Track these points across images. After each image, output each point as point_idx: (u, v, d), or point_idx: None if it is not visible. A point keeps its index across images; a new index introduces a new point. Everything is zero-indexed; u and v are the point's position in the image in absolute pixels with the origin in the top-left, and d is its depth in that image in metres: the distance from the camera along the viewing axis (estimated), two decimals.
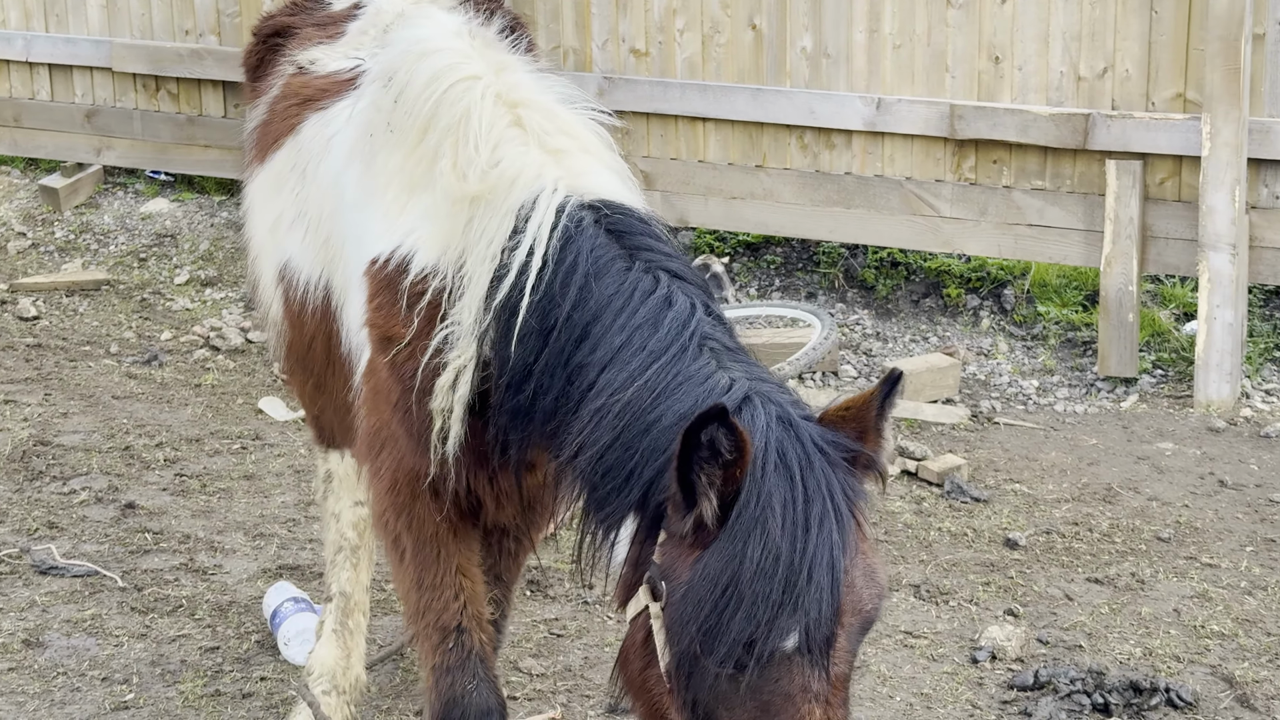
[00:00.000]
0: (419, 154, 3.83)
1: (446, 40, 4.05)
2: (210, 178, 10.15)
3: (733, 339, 3.39)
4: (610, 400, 3.27)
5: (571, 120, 3.85)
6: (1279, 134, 7.17)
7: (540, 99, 3.87)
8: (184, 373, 8.02)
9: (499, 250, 3.57)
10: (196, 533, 6.20)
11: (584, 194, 3.61)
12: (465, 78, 3.86)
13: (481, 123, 3.75)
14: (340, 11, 5.00)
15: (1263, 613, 5.50)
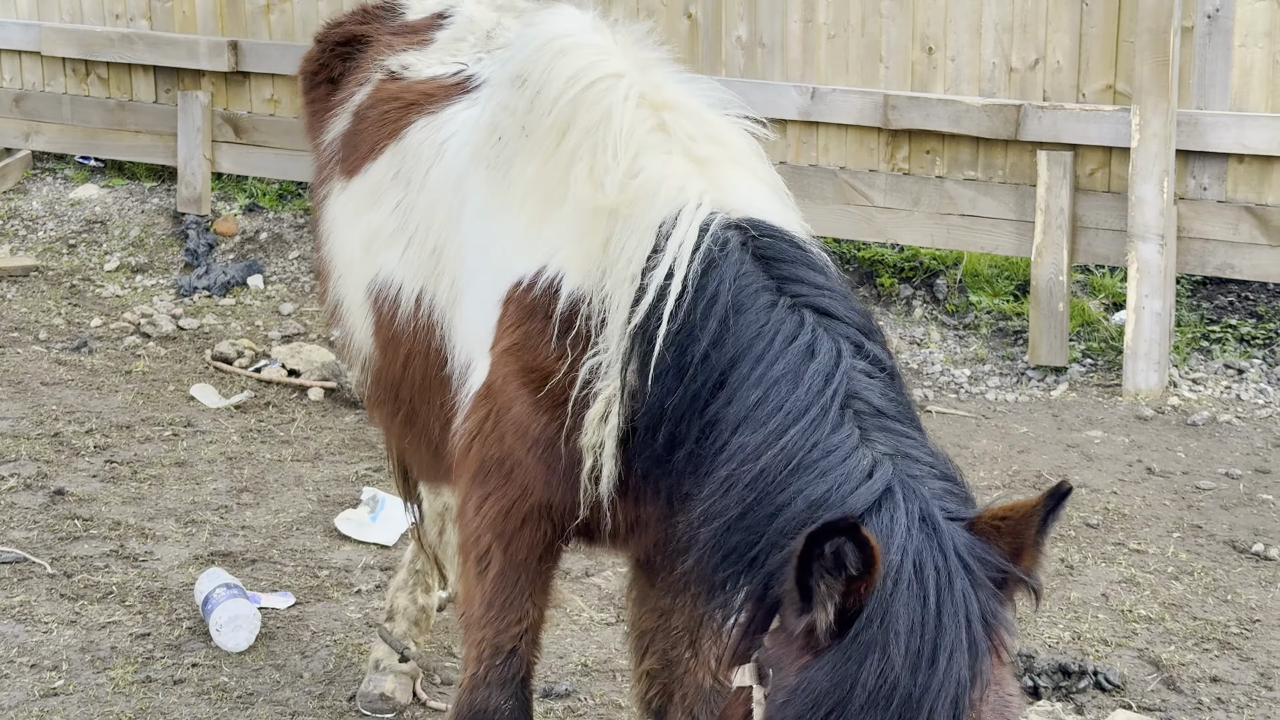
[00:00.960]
0: (555, 160, 3.57)
1: (586, 35, 3.76)
2: (141, 163, 10.06)
3: (886, 392, 3.06)
4: (740, 470, 2.97)
5: (720, 126, 3.58)
6: (1207, 126, 7.26)
7: (687, 102, 3.59)
8: (114, 359, 7.95)
9: (639, 271, 3.30)
10: (127, 519, 6.15)
11: (731, 210, 3.32)
12: (607, 75, 3.58)
13: (622, 127, 3.48)
14: (421, 21, 4.70)
15: (1189, 597, 5.57)
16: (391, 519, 6.12)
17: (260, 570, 5.79)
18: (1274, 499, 6.33)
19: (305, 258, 9.15)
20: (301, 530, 6.12)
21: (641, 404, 3.24)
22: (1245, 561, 5.84)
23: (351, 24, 4.85)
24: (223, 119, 9.54)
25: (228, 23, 9.44)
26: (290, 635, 5.35)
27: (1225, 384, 7.40)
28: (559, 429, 3.39)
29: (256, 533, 6.09)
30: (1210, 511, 6.24)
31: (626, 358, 3.27)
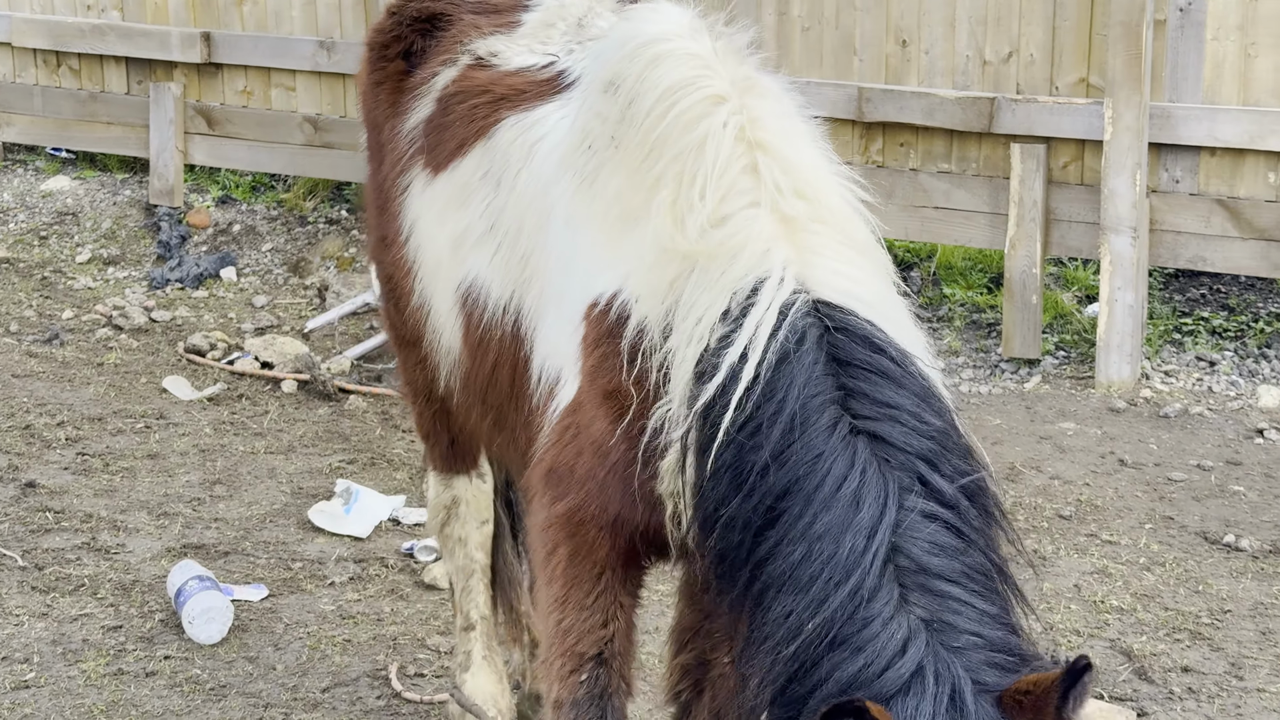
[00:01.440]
0: (641, 178, 3.40)
1: (686, 43, 3.52)
2: (113, 155, 10.01)
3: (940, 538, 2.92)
4: (782, 642, 2.89)
5: (812, 175, 3.36)
6: (1179, 119, 7.28)
7: (781, 142, 3.36)
8: (86, 351, 7.92)
9: (706, 332, 3.16)
10: (99, 512, 6.13)
11: (814, 289, 3.14)
12: (708, 97, 3.38)
13: (715, 162, 3.29)
14: (504, 0, 4.43)
15: (1160, 588, 5.59)
16: (365, 511, 6.11)
17: (233, 562, 5.78)
18: (1245, 490, 6.35)
19: (278, 250, 9.13)
20: (274, 522, 6.11)
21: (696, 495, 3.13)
22: (1216, 552, 5.86)
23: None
24: (195, 111, 9.50)
25: (200, 14, 9.40)
26: (263, 627, 5.34)
27: (1197, 376, 7.43)
28: (635, 457, 3.29)
29: (229, 525, 6.07)
30: (1182, 503, 6.26)
31: (688, 429, 3.14)
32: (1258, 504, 6.24)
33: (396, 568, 5.78)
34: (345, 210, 9.44)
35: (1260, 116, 7.12)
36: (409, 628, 5.33)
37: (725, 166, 3.29)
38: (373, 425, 7.05)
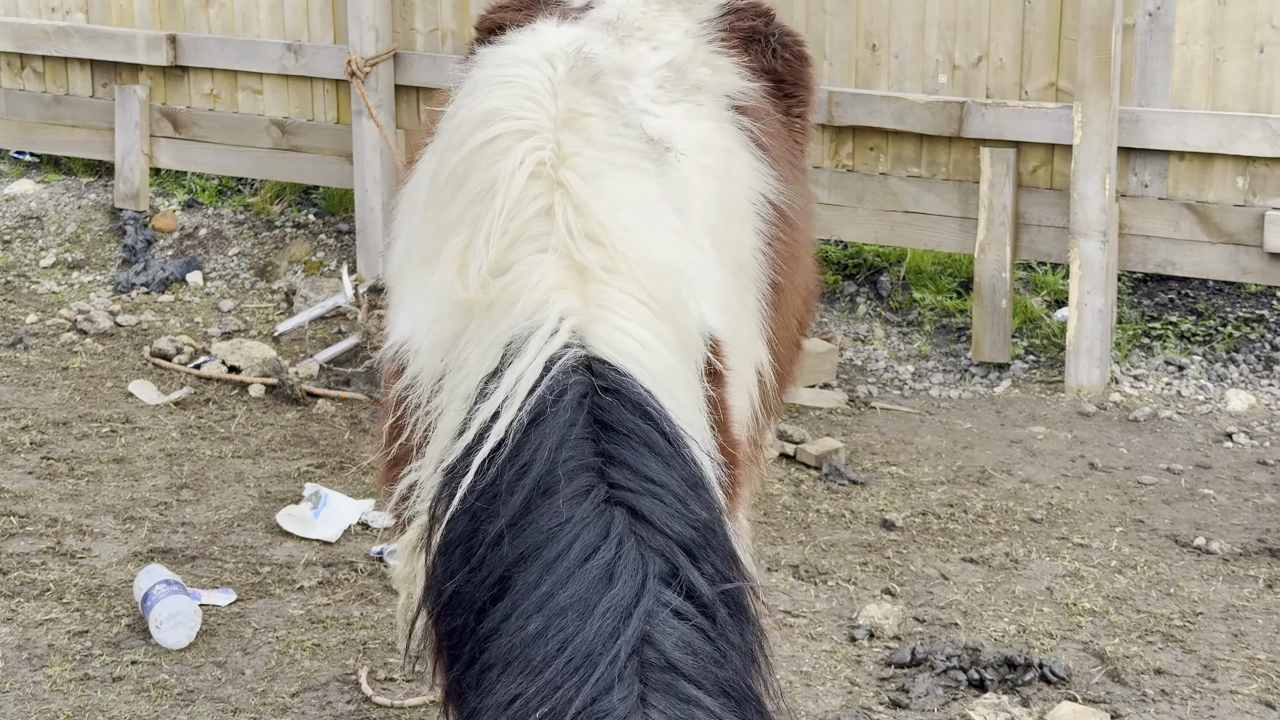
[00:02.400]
0: (442, 218, 3.18)
1: (521, 69, 3.31)
2: (78, 158, 9.93)
3: (692, 640, 2.59)
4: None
5: (615, 218, 3.03)
6: (1148, 123, 7.30)
7: (586, 180, 3.07)
8: (50, 356, 7.85)
9: (472, 391, 2.89)
10: (64, 516, 6.07)
11: (591, 344, 2.86)
12: (513, 132, 3.14)
13: (505, 205, 3.03)
14: (574, 9, 4.28)
15: (1132, 591, 5.59)
16: (333, 515, 6.07)
17: (200, 567, 5.72)
18: (1214, 494, 6.37)
19: (245, 254, 9.07)
20: (242, 527, 6.05)
21: (430, 570, 2.83)
22: (1187, 555, 5.87)
23: (509, 10, 4.46)
24: (161, 114, 9.43)
25: (166, 16, 9.34)
26: (231, 632, 5.29)
27: (1166, 380, 7.45)
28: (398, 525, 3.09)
29: (197, 529, 6.01)
30: (1152, 506, 6.27)
31: (437, 496, 2.86)
32: (1227, 507, 6.25)
33: (366, 572, 5.74)
34: (313, 214, 9.39)
35: (1229, 121, 7.15)
36: (379, 632, 5.28)
37: (516, 209, 3.01)
38: (341, 429, 7.00)
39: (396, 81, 8.70)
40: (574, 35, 3.65)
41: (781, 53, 4.29)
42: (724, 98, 3.96)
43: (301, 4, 8.94)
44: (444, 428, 2.92)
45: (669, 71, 3.88)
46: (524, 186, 3.04)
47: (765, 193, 3.84)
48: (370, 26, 8.57)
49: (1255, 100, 7.16)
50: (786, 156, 4.12)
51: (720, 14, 4.29)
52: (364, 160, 8.68)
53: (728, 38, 4.20)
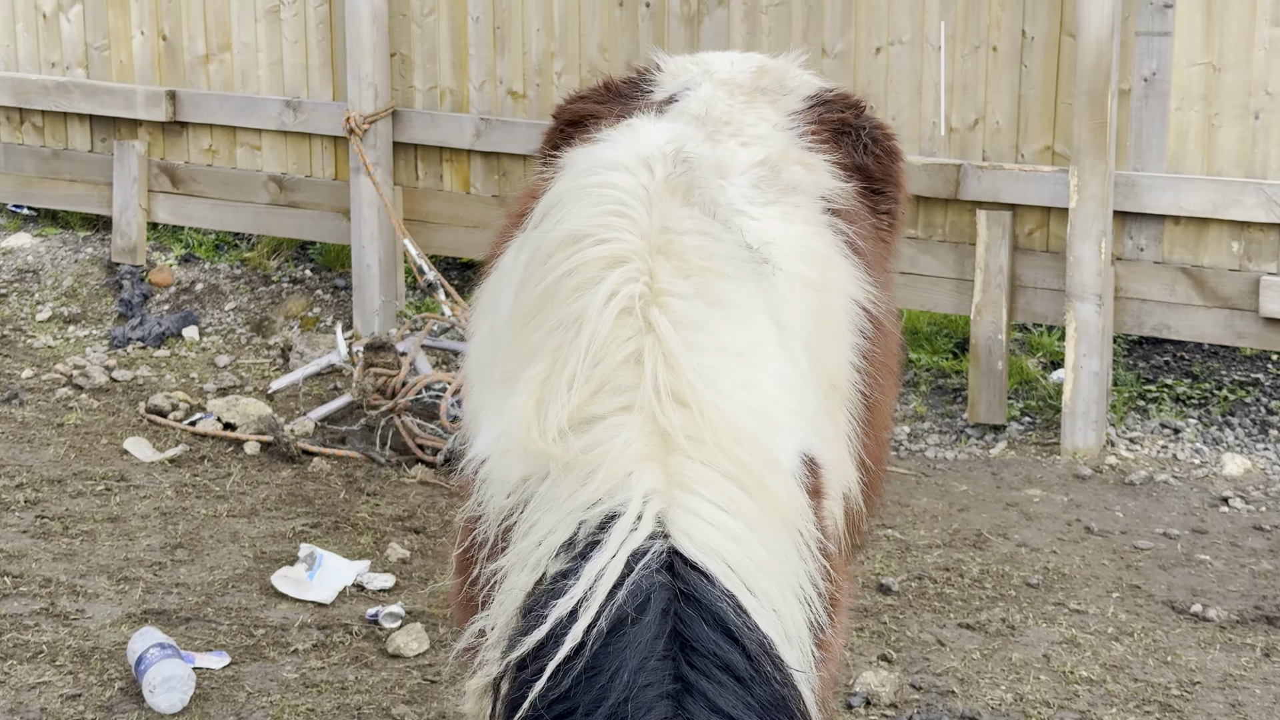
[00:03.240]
0: (523, 341, 2.98)
1: (615, 175, 3.10)
2: (75, 213, 9.95)
3: None
4: None
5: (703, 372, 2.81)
6: (1144, 187, 7.33)
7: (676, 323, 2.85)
8: (45, 412, 7.83)
9: (544, 560, 2.71)
10: (58, 576, 6.04)
11: (675, 535, 2.66)
12: (603, 258, 2.93)
13: (591, 347, 2.82)
14: (656, 102, 4.12)
15: (1129, 658, 5.58)
16: (329, 576, 6.05)
17: (194, 629, 5.70)
18: (1211, 559, 6.36)
19: (241, 309, 9.07)
20: (237, 588, 6.03)
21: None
22: (1184, 622, 5.86)
23: (590, 101, 4.34)
24: (159, 169, 9.46)
25: (166, 73, 9.38)
26: (225, 696, 5.26)
27: (1162, 443, 7.46)
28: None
29: (191, 590, 5.99)
30: (1149, 571, 6.26)
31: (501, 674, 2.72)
32: (1224, 573, 6.24)
33: (361, 635, 5.71)
34: (309, 270, 9.40)
35: (1224, 186, 7.18)
36: (373, 696, 5.26)
37: (602, 353, 2.82)
38: (337, 488, 6.99)
39: (395, 139, 8.73)
40: (674, 133, 3.42)
41: (873, 148, 4.13)
42: (819, 199, 3.80)
43: (301, 61, 8.98)
44: (512, 593, 2.75)
45: (763, 170, 3.73)
46: (612, 327, 2.84)
47: (861, 302, 3.68)
48: (369, 84, 8.60)
49: (1250, 166, 7.19)
50: (879, 260, 3.97)
51: (808, 106, 4.15)
52: (361, 217, 8.70)
53: (818, 131, 4.05)
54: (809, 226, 3.65)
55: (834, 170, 3.94)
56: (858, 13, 7.80)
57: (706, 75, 4.20)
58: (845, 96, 4.29)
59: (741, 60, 4.37)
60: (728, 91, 4.08)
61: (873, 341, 3.69)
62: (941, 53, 7.65)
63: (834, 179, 3.90)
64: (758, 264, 3.18)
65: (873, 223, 4.05)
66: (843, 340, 3.57)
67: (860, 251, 3.77)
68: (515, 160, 8.54)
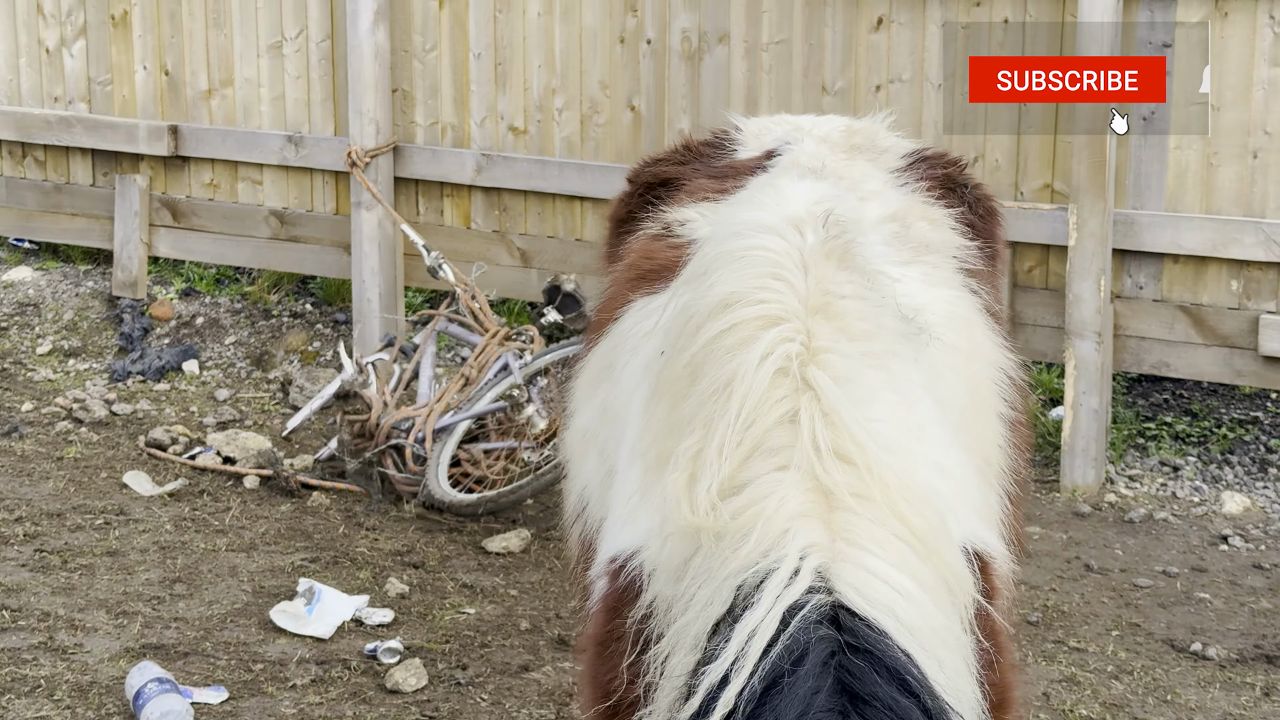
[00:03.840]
0: (677, 414, 2.79)
1: (767, 239, 2.92)
2: (76, 246, 9.97)
3: None
4: None
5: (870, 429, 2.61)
6: (1143, 226, 7.35)
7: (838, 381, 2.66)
8: (45, 445, 7.83)
9: (701, 639, 2.49)
10: (56, 610, 6.03)
11: (838, 589, 2.43)
12: (758, 318, 2.75)
13: (741, 409, 2.64)
14: (745, 162, 3.97)
15: (1129, 697, 5.57)
16: (327, 611, 6.04)
17: (193, 664, 5.69)
18: (1210, 597, 6.35)
19: (242, 343, 9.08)
20: (235, 622, 6.02)
21: None
22: (1184, 661, 5.85)
23: (668, 163, 4.16)
24: (161, 203, 9.49)
25: (168, 107, 9.41)
26: None
27: (1161, 481, 7.46)
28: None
29: (189, 625, 5.98)
30: (1148, 609, 6.26)
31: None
32: (1223, 611, 6.24)
33: (359, 670, 5.70)
34: (310, 304, 9.41)
35: (1223, 225, 7.20)
36: None
37: (755, 414, 2.63)
38: (336, 523, 6.98)
39: (396, 174, 8.76)
40: (820, 192, 3.21)
41: (976, 206, 3.99)
42: (952, 258, 3.65)
43: (303, 96, 9.01)
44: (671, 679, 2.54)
45: (894, 225, 3.59)
46: (766, 387, 2.65)
47: (1006, 369, 3.49)
48: (371, 119, 8.64)
49: (1249, 205, 7.21)
50: (1002, 318, 3.81)
51: (908, 163, 4.03)
52: (362, 251, 8.72)
53: (930, 187, 3.90)
54: (950, 289, 3.47)
55: (957, 227, 3.80)
56: (858, 51, 7.84)
57: (801, 132, 4.07)
58: (944, 154, 4.20)
59: (826, 120, 4.27)
60: (829, 148, 3.95)
61: (1018, 411, 3.49)
62: (941, 90, 7.68)
63: (960, 236, 3.77)
64: (915, 334, 2.98)
65: (992, 280, 3.90)
66: (993, 413, 3.39)
67: (995, 315, 3.62)
68: (516, 196, 8.57)
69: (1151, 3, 7.25)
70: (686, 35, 8.15)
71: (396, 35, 8.70)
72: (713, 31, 8.10)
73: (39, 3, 9.70)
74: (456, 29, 8.63)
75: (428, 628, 6.01)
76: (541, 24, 8.44)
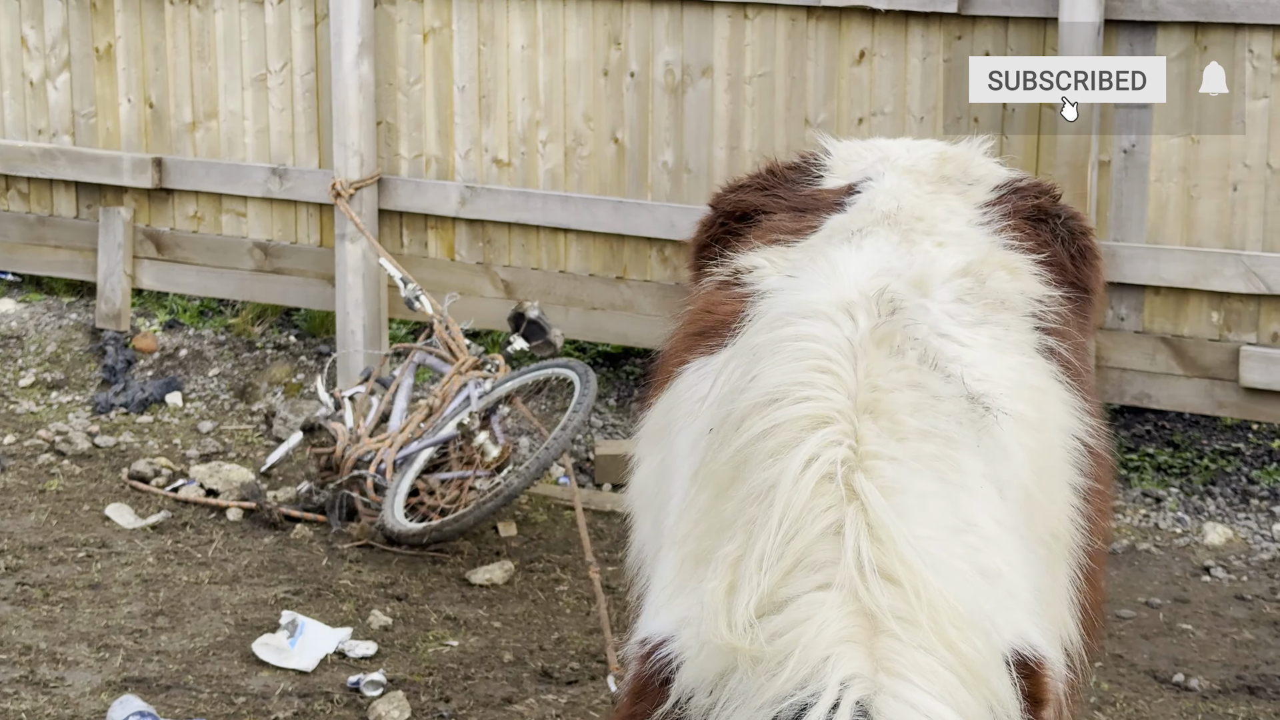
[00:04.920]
0: (717, 510, 2.69)
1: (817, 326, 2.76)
2: (60, 279, 9.96)
3: None
4: None
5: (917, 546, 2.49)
6: (1124, 258, 7.38)
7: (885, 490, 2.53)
8: (27, 478, 7.81)
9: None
10: (38, 644, 6.01)
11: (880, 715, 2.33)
12: (805, 417, 2.62)
13: (785, 519, 2.51)
14: (830, 192, 3.78)
15: None
16: (310, 644, 6.03)
17: (175, 697, 5.67)
18: (1193, 629, 6.37)
19: (225, 375, 9.07)
20: (218, 655, 6.01)
21: None
22: (1166, 692, 5.86)
23: (750, 190, 4.02)
24: (145, 235, 9.49)
25: (152, 140, 9.42)
26: None
27: (1144, 512, 7.48)
28: None
29: (172, 658, 5.97)
30: (1131, 641, 6.27)
31: None
32: (1206, 643, 6.25)
33: (342, 703, 5.69)
34: (294, 336, 9.41)
35: (1203, 257, 7.24)
36: None
37: (797, 526, 2.50)
38: (319, 555, 6.97)
39: (380, 206, 8.78)
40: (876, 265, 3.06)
41: (1070, 242, 3.77)
42: (1029, 316, 3.45)
43: (287, 129, 9.03)
44: None
45: (967, 281, 3.38)
46: (809, 496, 2.51)
47: (1081, 436, 3.32)
48: (355, 151, 8.65)
49: (1229, 237, 7.26)
50: (1086, 371, 3.61)
51: (999, 196, 3.83)
52: (346, 284, 8.73)
53: (1015, 225, 3.69)
54: (1022, 355, 3.30)
55: (1039, 272, 3.60)
56: (840, 83, 7.88)
57: (887, 163, 3.91)
58: (1038, 184, 3.99)
59: (919, 146, 4.09)
60: (913, 181, 3.78)
61: (1092, 478, 3.33)
62: (923, 123, 7.72)
63: (1040, 283, 3.57)
64: (979, 416, 2.84)
65: (1078, 329, 3.68)
66: (1063, 483, 3.22)
67: (1074, 371, 3.43)
68: (500, 228, 8.59)
69: (1131, 37, 7.30)
70: (670, 68, 8.18)
71: (381, 68, 8.73)
72: (696, 64, 8.14)
73: (23, 35, 9.72)
74: (440, 62, 8.66)
75: (411, 660, 6.00)
76: (525, 57, 8.47)
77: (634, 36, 8.24)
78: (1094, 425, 3.41)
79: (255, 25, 9.04)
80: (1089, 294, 3.86)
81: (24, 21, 9.69)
